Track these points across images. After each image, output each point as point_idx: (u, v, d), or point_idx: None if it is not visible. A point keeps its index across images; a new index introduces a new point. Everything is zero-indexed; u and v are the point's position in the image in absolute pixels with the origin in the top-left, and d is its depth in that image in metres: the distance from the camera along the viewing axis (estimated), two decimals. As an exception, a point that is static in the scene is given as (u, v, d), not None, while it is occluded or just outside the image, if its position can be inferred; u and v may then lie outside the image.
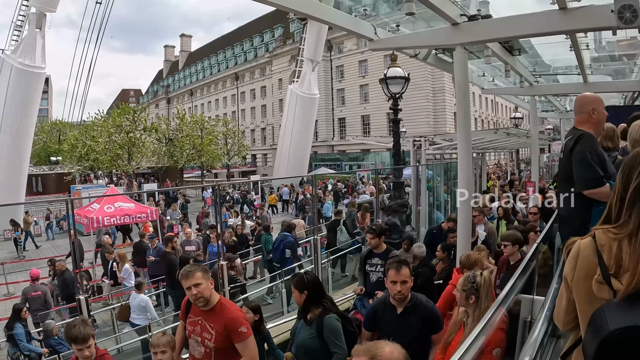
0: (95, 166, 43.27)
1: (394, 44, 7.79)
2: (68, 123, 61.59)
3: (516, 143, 19.94)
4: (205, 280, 3.92)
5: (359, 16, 7.21)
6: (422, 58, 8.54)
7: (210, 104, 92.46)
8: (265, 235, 13.84)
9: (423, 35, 7.46)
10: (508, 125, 44.21)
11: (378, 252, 6.80)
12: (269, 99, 75.43)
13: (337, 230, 14.72)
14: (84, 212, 18.98)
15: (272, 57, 72.29)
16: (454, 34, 6.44)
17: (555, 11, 5.30)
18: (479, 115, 62.44)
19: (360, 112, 60.74)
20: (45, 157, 59.24)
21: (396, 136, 12.48)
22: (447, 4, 6.08)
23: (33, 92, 29.48)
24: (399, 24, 7.73)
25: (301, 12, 6.51)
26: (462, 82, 6.81)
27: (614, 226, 1.74)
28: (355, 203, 17.82)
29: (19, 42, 29.66)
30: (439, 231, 9.41)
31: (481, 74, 11.42)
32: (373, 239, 6.82)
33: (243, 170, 67.25)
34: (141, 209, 19.35)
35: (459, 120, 7.03)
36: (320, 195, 27.74)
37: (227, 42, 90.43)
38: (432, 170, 14.13)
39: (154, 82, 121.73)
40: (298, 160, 43.28)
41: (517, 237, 6.18)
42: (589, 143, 3.63)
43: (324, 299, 4.66)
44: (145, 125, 44.60)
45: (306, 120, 43.40)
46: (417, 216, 11.70)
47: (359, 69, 59.64)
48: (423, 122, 51.01)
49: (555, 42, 7.60)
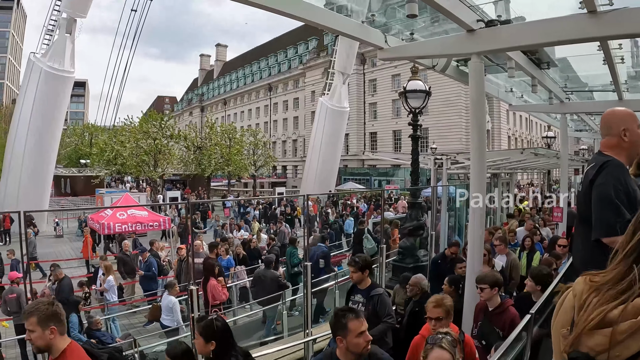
0: (122, 171, 43.33)
1: (405, 53, 7.07)
2: (100, 127, 62.21)
3: (546, 164, 18.89)
4: (41, 327, 3.25)
5: (367, 22, 6.51)
6: (440, 70, 7.78)
7: (243, 114, 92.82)
8: (291, 248, 13.73)
9: (435, 43, 6.70)
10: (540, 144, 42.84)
11: (361, 288, 5.74)
12: (301, 111, 75.21)
13: (362, 239, 14.63)
14: (97, 217, 18.86)
15: (306, 69, 72.16)
16: (469, 42, 5.73)
17: (583, 15, 4.53)
18: (512, 134, 60.82)
19: (391, 127, 59.80)
20: (76, 160, 59.86)
21: (415, 154, 11.68)
22: (461, 8, 5.36)
23: (61, 95, 29.80)
24: (414, 31, 7.03)
25: (303, 19, 5.83)
26: (477, 96, 6.06)
27: (599, 272, 1.47)
28: (387, 219, 17.19)
29: (49, 46, 30.01)
30: (443, 260, 8.47)
31: (509, 89, 10.53)
32: (355, 272, 5.71)
33: (272, 181, 66.84)
34: (154, 218, 18.96)
35: (472, 137, 6.22)
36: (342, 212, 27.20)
37: (261, 53, 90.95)
38: (455, 191, 13.30)
39: (188, 90, 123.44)
40: (326, 173, 42.57)
41: (496, 279, 5.26)
42: (615, 174, 2.80)
43: (235, 351, 3.85)
44: (172, 132, 44.52)
45: (335, 133, 42.66)
46: (431, 240, 10.86)
47: (392, 83, 58.75)
48: (455, 139, 49.85)
49: (587, 54, 6.75)
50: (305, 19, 5.84)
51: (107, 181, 51.98)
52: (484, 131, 6.26)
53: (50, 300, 3.47)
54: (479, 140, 6.13)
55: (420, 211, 11.96)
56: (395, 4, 6.57)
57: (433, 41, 6.84)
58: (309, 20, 5.81)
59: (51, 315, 3.31)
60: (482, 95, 6.20)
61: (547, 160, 16.00)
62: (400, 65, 51.13)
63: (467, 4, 5.40)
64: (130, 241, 18.47)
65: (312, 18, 5.75)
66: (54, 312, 3.33)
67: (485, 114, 6.58)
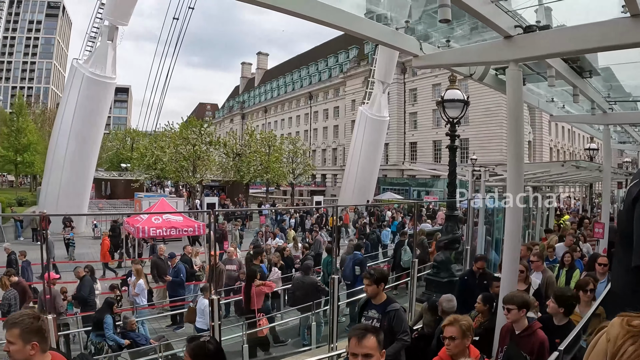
0: (162, 175, 43.89)
1: (440, 61, 6.84)
2: (141, 132, 63.47)
3: (589, 177, 18.24)
4: (22, 341, 3.04)
5: (402, 30, 6.32)
6: (477, 78, 7.52)
7: (283, 122, 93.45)
8: (328, 257, 13.82)
9: (472, 51, 6.45)
10: (583, 157, 41.64)
11: (376, 302, 5.47)
12: (341, 120, 75.15)
13: (401, 250, 14.48)
14: (133, 220, 19.04)
15: (346, 77, 72.16)
16: (506, 49, 5.48)
17: (627, 19, 4.24)
18: (554, 145, 59.37)
19: (432, 137, 59.21)
20: (117, 163, 61.38)
21: (452, 165, 11.38)
22: (498, 13, 5.12)
23: (102, 100, 30.55)
24: (450, 39, 6.80)
25: (336, 26, 5.67)
26: (515, 105, 5.78)
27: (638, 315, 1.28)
28: (425, 231, 16.91)
29: (91, 53, 30.82)
30: (471, 277, 8.08)
31: (550, 99, 10.13)
32: (369, 285, 5.41)
33: (312, 189, 66.81)
34: (189, 223, 19.12)
35: (509, 149, 5.93)
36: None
37: (302, 61, 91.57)
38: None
39: (230, 98, 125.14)
40: (365, 182, 42.33)
41: (525, 300, 4.95)
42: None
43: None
44: (212, 139, 44.88)
45: (375, 142, 42.44)
46: (465, 255, 10.53)
47: (432, 93, 57.99)
48: (495, 149, 48.90)
49: (632, 62, 6.41)
50: (339, 26, 5.70)
51: (147, 185, 52.75)
52: (521, 142, 5.97)
53: (36, 314, 3.28)
54: (516, 151, 5.86)
55: (457, 224, 11.62)
56: (431, 11, 6.37)
57: (469, 48, 6.60)
58: (342, 27, 5.70)
59: (35, 330, 3.12)
60: (520, 105, 5.92)
61: (589, 173, 15.42)
62: (441, 74, 50.68)
63: (504, 9, 5.16)
64: (149, 246, 18.72)
65: (345, 25, 5.63)
66: (39, 327, 3.14)
67: (523, 125, 6.28)
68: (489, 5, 4.99)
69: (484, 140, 50.31)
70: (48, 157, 32.09)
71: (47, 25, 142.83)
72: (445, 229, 11.57)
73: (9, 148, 55.00)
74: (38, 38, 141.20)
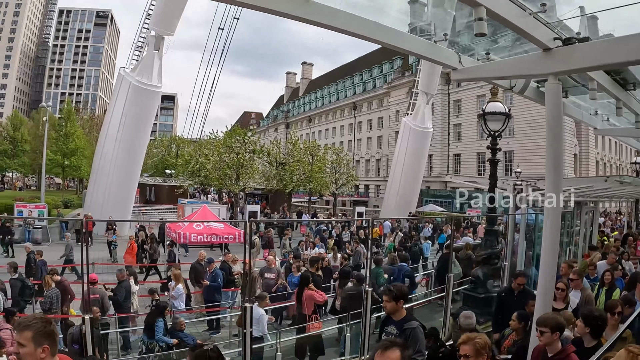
0: (205, 182, 44.48)
1: (479, 74, 6.78)
2: (186, 139, 64.69)
3: (634, 192, 17.52)
4: (34, 344, 3.04)
5: (441, 42, 6.25)
6: (518, 91, 7.39)
7: (327, 132, 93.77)
8: (377, 268, 13.49)
9: (510, 64, 6.34)
10: (630, 171, 40.32)
11: (396, 319, 5.42)
12: (385, 130, 75.07)
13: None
14: (174, 226, 19.26)
15: (390, 88, 72.00)
16: (545, 62, 5.37)
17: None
18: (601, 158, 57.55)
19: (476, 149, 58.15)
20: (162, 169, 62.60)
21: (493, 178, 11.17)
22: (536, 26, 5.03)
23: (149, 108, 31.46)
24: (490, 51, 6.70)
25: (375, 40, 5.68)
26: (554, 120, 5.66)
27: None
28: (471, 245, 16.64)
29: (138, 62, 31.81)
30: (509, 294, 7.82)
31: (593, 111, 9.83)
32: (389, 302, 5.37)
33: (354, 199, 66.63)
34: (229, 230, 19.25)
35: (548, 164, 5.79)
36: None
37: (346, 72, 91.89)
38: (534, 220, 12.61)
39: (274, 107, 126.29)
40: (407, 194, 42.02)
41: (559, 323, 4.73)
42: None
43: None
44: (255, 147, 45.25)
45: (418, 154, 42.10)
46: (504, 271, 10.30)
47: (477, 104, 56.85)
48: (540, 163, 47.54)
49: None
50: (379, 40, 5.72)
51: (191, 192, 53.51)
52: (560, 157, 5.83)
53: (48, 318, 3.31)
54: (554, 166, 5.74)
55: (496, 239, 11.39)
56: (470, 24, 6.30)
57: (507, 61, 6.49)
58: (382, 41, 5.74)
59: (47, 334, 3.13)
60: (559, 118, 5.77)
61: (634, 188, 14.85)
62: (486, 85, 49.92)
63: (543, 21, 5.06)
64: (166, 251, 18.98)
65: (385, 39, 5.66)
66: (51, 331, 3.16)
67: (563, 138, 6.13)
68: (527, 18, 4.92)
69: (529, 152, 49.19)
70: (95, 161, 33.17)
71: (96, 34, 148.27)
72: (484, 244, 11.37)
73: (57, 152, 56.90)
74: (87, 46, 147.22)
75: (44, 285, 11.75)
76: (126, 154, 30.22)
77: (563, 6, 5.38)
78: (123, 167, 30.26)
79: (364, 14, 5.28)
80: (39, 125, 54.22)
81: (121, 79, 31.18)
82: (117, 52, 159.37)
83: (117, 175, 30.05)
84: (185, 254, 21.17)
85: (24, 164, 67.77)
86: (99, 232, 26.02)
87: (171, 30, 30.61)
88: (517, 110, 40.92)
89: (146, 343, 9.86)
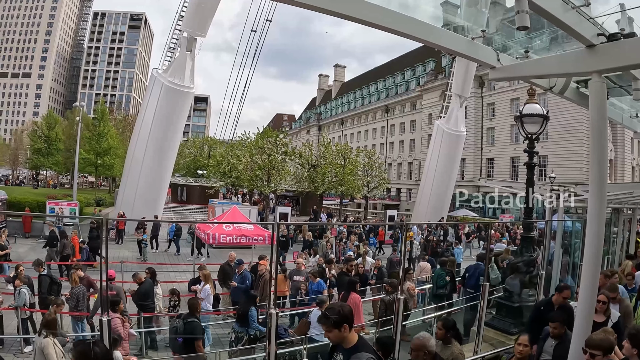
0: (237, 183, 44.61)
1: (518, 72, 6.49)
2: (218, 140, 65.36)
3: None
4: None
5: (479, 40, 5.98)
6: (557, 91, 7.05)
7: (359, 134, 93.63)
8: (439, 269, 13.90)
9: (552, 61, 6.03)
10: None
11: (345, 347, 4.15)
12: (417, 134, 74.62)
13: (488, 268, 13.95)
14: (204, 226, 19.29)
15: (423, 91, 71.46)
16: (589, 59, 5.08)
17: None
18: (637, 164, 55.70)
19: (509, 153, 57.34)
20: (194, 170, 63.36)
21: (529, 183, 10.72)
22: (580, 21, 4.75)
23: (180, 109, 31.59)
24: (528, 49, 6.40)
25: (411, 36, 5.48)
26: (599, 120, 5.32)
27: None
28: (510, 251, 16.24)
29: (170, 63, 32.01)
30: (549, 307, 7.28)
31: (634, 114, 9.36)
32: (329, 332, 4.17)
33: (386, 203, 66.27)
34: (259, 232, 19.17)
35: (592, 168, 5.44)
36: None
37: (379, 74, 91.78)
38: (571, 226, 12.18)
39: (307, 109, 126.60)
40: (440, 198, 41.36)
41: (611, 344, 4.41)
42: None
43: None
44: (287, 149, 45.23)
45: (451, 157, 41.44)
46: (540, 280, 9.89)
47: (511, 107, 56.08)
48: (575, 168, 46.77)
49: None
50: (414, 36, 5.52)
51: (223, 192, 53.75)
52: (605, 161, 5.48)
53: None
54: (599, 171, 5.38)
55: (532, 246, 10.97)
56: (508, 20, 6.03)
57: (549, 59, 6.18)
58: (418, 37, 5.53)
59: None
60: (604, 120, 5.42)
61: (674, 195, 14.30)
62: (520, 88, 49.24)
63: (587, 16, 4.77)
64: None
65: (421, 35, 5.49)
66: None
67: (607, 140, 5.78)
68: (570, 12, 4.66)
69: (563, 157, 48.21)
70: (127, 160, 33.57)
71: (130, 36, 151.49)
72: (519, 251, 10.95)
73: (90, 151, 57.73)
74: (121, 48, 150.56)
75: (70, 282, 11.75)
76: (157, 154, 30.48)
77: (601, 5, 5.11)
78: (155, 167, 30.54)
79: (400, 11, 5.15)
80: (73, 125, 54.89)
81: (154, 80, 31.49)
82: (150, 54, 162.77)
83: (148, 174, 30.30)
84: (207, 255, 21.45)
85: (57, 162, 68.82)
86: (129, 231, 26.24)
87: (203, 31, 30.80)
88: (551, 114, 40.09)
89: (237, 332, 10.24)
